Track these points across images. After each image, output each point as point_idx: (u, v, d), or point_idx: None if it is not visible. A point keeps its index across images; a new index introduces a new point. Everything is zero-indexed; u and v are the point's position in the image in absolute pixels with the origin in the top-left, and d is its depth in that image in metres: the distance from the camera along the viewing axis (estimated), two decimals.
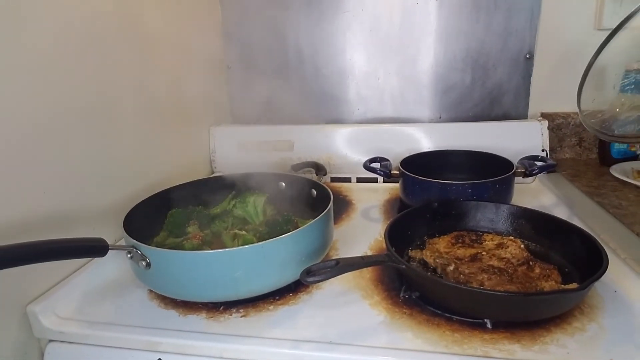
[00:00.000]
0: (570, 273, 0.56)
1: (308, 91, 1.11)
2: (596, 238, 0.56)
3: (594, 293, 0.54)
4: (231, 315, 0.54)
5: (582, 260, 0.55)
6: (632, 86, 0.90)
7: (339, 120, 1.11)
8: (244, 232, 0.63)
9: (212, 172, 1.09)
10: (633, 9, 0.73)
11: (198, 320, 0.54)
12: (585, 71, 0.77)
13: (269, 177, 0.77)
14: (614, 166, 0.90)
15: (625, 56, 0.92)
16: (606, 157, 0.95)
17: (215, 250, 0.52)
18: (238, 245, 0.60)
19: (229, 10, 1.09)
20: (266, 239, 0.52)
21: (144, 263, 0.52)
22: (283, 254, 0.54)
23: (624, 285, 0.55)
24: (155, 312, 0.56)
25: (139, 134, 0.79)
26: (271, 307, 0.55)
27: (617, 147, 0.93)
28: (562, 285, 0.51)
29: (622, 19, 0.93)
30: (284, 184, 0.78)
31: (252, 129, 1.09)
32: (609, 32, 0.90)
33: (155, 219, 0.68)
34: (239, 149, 1.08)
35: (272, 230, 0.62)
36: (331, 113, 1.12)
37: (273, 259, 0.53)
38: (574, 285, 0.50)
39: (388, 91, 1.07)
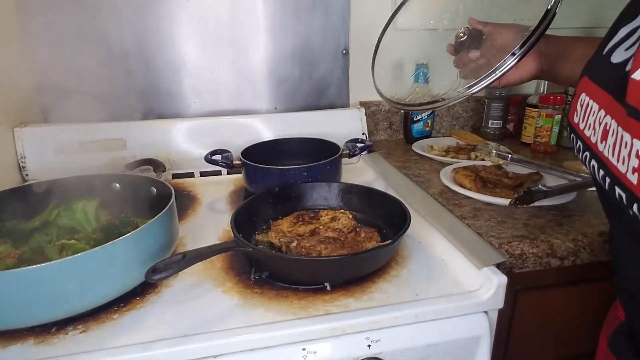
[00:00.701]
0: (387, 233, 0.68)
1: (137, 85, 1.04)
2: (403, 202, 0.69)
3: (404, 246, 0.67)
4: (67, 334, 0.49)
5: (395, 222, 0.67)
6: (421, 77, 1.11)
7: (174, 115, 1.07)
8: (73, 242, 0.57)
9: (24, 181, 0.93)
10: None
11: (24, 349, 0.47)
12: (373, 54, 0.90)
13: (99, 179, 0.70)
14: (415, 143, 1.11)
15: (417, 51, 1.13)
16: (409, 137, 1.15)
17: (34, 266, 0.45)
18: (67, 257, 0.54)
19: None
20: None
21: None
22: (123, 257, 0.51)
23: (425, 237, 0.69)
24: None
25: None
26: (115, 316, 0.52)
27: (416, 128, 1.14)
28: (381, 243, 0.62)
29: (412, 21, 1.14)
30: (118, 185, 0.72)
31: (73, 127, 0.96)
32: (404, 31, 1.09)
33: None
34: (58, 151, 0.94)
35: (110, 235, 0.57)
36: (166, 108, 1.06)
37: (112, 265, 0.50)
38: (388, 242, 0.61)
39: (223, 84, 1.08)
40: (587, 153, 0.40)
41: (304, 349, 0.49)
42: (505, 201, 0.74)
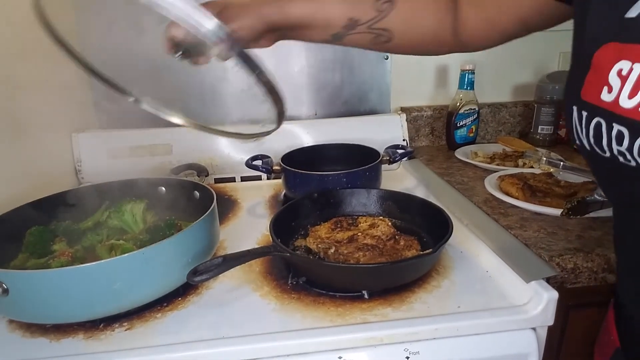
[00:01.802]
0: (428, 241, 0.66)
1: (184, 92, 1.08)
2: (445, 210, 0.67)
3: (446, 255, 0.64)
4: (114, 330, 0.51)
5: (436, 230, 0.65)
6: (466, 83, 1.08)
7: (218, 121, 1.10)
8: (122, 242, 0.60)
9: (80, 183, 0.99)
10: None
11: (75, 343, 0.50)
12: None
13: (147, 183, 0.74)
14: (458, 150, 1.07)
15: (460, 57, 1.10)
16: (451, 143, 1.12)
17: (86, 265, 0.48)
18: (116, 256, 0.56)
19: (83, 6, 1.00)
20: None
21: None
22: (167, 258, 0.53)
23: (468, 246, 0.67)
24: (20, 344, 0.50)
25: None
26: (159, 315, 0.54)
27: (459, 133, 1.11)
28: (421, 252, 0.60)
29: None
30: (164, 188, 0.75)
31: (124, 133, 1.02)
32: None
33: (8, 241, 0.59)
34: (110, 156, 1.00)
35: (155, 236, 0.59)
36: (210, 114, 1.10)
37: (156, 265, 0.52)
38: (429, 251, 0.59)
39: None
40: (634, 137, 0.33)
41: (340, 357, 0.49)
42: (556, 211, 0.69)
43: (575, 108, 0.37)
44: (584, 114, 0.36)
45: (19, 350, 0.49)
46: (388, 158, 0.88)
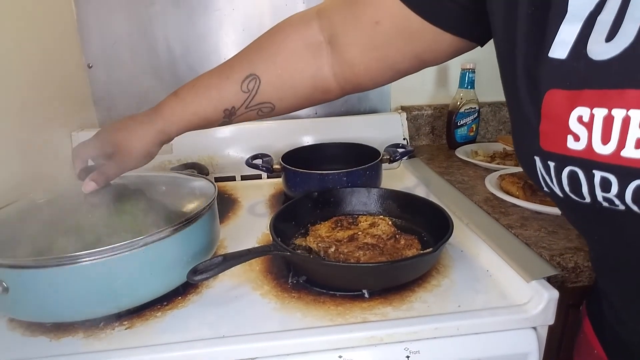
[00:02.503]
0: (428, 241, 0.66)
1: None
2: (445, 209, 0.66)
3: (446, 254, 0.64)
4: (114, 329, 0.51)
5: (437, 229, 0.65)
6: (466, 82, 1.08)
7: None
8: (121, 240, 0.60)
9: None
10: None
11: (75, 341, 0.50)
12: None
13: (147, 181, 0.74)
14: (458, 149, 1.07)
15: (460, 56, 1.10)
16: (452, 142, 1.12)
17: (86, 263, 0.48)
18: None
19: (85, 5, 0.99)
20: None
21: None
22: (167, 256, 0.53)
23: (468, 246, 0.67)
24: (20, 342, 0.50)
25: None
26: (159, 314, 0.54)
27: (460, 132, 1.11)
28: (421, 251, 0.60)
29: None
30: (164, 186, 0.75)
31: None
32: None
33: (9, 238, 0.59)
34: None
35: (155, 235, 0.59)
36: None
37: (156, 263, 0.52)
38: (429, 250, 0.59)
39: None
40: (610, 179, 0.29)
41: (340, 357, 0.49)
42: (557, 210, 0.69)
43: (537, 159, 0.33)
44: (551, 164, 0.32)
45: (19, 348, 0.49)
46: (388, 157, 0.88)
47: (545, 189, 0.35)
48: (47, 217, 0.64)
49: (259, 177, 1.03)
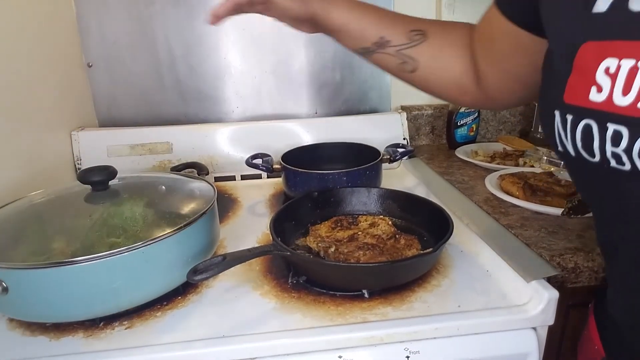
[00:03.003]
0: (428, 240, 0.66)
1: (184, 91, 1.08)
2: (445, 209, 0.66)
3: (446, 254, 0.64)
4: (114, 329, 0.51)
5: (437, 229, 0.65)
6: None
7: (218, 120, 1.10)
8: (121, 240, 0.60)
9: None
10: None
11: (74, 341, 0.49)
12: None
13: (147, 181, 0.74)
14: (458, 149, 1.07)
15: None
16: (452, 142, 1.12)
17: (85, 263, 0.48)
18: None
19: (85, 4, 0.99)
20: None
21: None
22: (167, 256, 0.53)
23: (468, 246, 0.67)
24: (20, 342, 0.50)
25: None
26: (159, 314, 0.54)
27: (460, 132, 1.11)
28: (421, 251, 0.60)
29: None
30: (164, 187, 0.75)
31: (123, 132, 1.02)
32: None
33: (8, 237, 0.59)
34: (110, 154, 1.00)
35: (155, 235, 0.59)
36: (209, 112, 1.10)
37: (156, 263, 0.52)
38: (429, 250, 0.59)
39: (265, 89, 1.10)
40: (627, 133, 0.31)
41: (340, 357, 0.49)
42: (557, 211, 0.69)
43: (557, 113, 0.35)
44: (569, 117, 0.34)
45: (19, 348, 0.49)
46: (388, 157, 0.88)
47: (560, 147, 0.36)
48: (47, 217, 0.64)
49: (258, 176, 1.03)
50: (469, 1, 1.08)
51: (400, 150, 0.90)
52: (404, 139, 1.07)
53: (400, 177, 1.00)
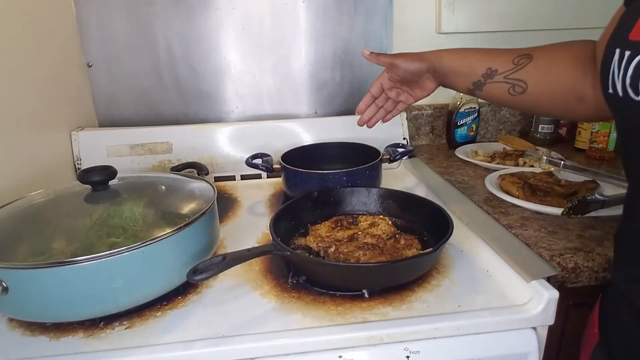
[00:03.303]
0: (428, 240, 0.66)
1: (183, 91, 1.08)
2: (445, 209, 0.66)
3: (446, 255, 0.64)
4: (114, 329, 0.51)
5: (437, 229, 0.65)
6: None
7: (218, 119, 1.10)
8: (121, 240, 0.60)
9: None
10: None
11: (74, 341, 0.50)
12: None
13: (147, 180, 0.73)
14: (458, 149, 1.07)
15: None
16: (452, 142, 1.12)
17: (85, 263, 0.48)
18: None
19: (85, 5, 0.99)
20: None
21: None
22: (167, 256, 0.53)
23: (468, 246, 0.67)
24: (20, 342, 0.50)
25: None
26: (159, 314, 0.54)
27: (460, 132, 1.11)
28: (421, 251, 0.60)
29: (456, 24, 1.11)
30: (164, 187, 0.75)
31: (123, 132, 1.02)
32: (447, 35, 1.07)
33: (8, 237, 0.59)
34: (110, 154, 1.00)
35: (155, 235, 0.59)
36: (209, 112, 1.10)
37: (156, 264, 0.52)
38: (429, 250, 0.59)
39: (265, 89, 1.10)
40: None
41: (340, 357, 0.49)
42: (556, 210, 0.69)
43: (618, 50, 0.38)
44: (627, 53, 0.37)
45: (19, 348, 0.49)
46: (388, 157, 0.88)
47: (610, 89, 0.39)
48: (47, 217, 0.64)
49: (258, 176, 1.03)
50: (469, 1, 1.08)
51: (400, 150, 0.90)
52: (404, 138, 1.07)
53: (400, 177, 1.00)
